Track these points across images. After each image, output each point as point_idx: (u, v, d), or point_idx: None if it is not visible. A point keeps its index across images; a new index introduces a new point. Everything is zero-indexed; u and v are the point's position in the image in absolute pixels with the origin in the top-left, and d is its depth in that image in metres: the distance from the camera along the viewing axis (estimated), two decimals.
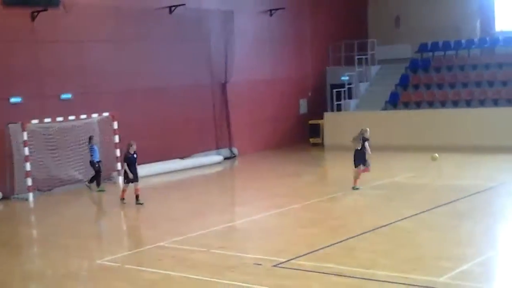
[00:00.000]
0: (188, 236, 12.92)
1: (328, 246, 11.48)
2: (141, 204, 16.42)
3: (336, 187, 18.03)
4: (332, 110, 28.88)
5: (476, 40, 28.93)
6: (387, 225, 12.85)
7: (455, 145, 24.18)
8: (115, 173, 20.80)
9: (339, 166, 23.71)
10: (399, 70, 29.37)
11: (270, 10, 28.19)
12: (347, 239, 11.94)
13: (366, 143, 17.37)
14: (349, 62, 30.18)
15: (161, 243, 12.37)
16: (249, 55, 27.17)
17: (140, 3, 23.02)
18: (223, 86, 26.11)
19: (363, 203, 15.61)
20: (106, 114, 20.65)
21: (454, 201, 14.92)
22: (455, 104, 26.48)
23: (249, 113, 27.10)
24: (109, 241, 13.63)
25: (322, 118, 28.52)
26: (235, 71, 26.08)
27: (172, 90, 23.99)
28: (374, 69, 30.31)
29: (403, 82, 28.82)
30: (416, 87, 28.54)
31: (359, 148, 17.40)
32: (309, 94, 30.26)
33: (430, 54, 29.62)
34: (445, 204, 14.57)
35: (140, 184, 16.90)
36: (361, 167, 17.25)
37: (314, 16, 30.13)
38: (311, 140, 28.85)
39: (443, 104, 26.80)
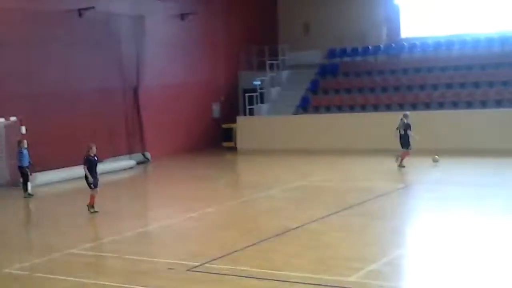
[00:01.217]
0: (100, 242, 12.74)
1: (241, 249, 11.59)
2: (96, 212, 15.59)
3: (249, 190, 18.21)
4: (245, 114, 29.13)
5: (382, 46, 29.85)
6: (298, 227, 13.08)
7: (364, 148, 24.87)
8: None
9: (252, 170, 23.99)
10: (309, 75, 29.96)
11: (182, 15, 28.16)
12: (260, 241, 12.09)
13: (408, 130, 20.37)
14: (261, 67, 30.52)
15: (72, 250, 12.14)
16: (161, 60, 27.05)
17: (49, 6, 22.52)
18: (135, 90, 25.89)
19: (275, 206, 15.82)
20: (13, 118, 20.06)
21: (363, 202, 15.35)
22: (363, 108, 27.23)
23: (162, 117, 26.96)
24: (18, 249, 13.26)
25: (235, 122, 28.73)
26: (147, 76, 25.92)
27: (83, 94, 23.59)
28: (285, 74, 30.79)
29: (313, 87, 29.41)
30: (325, 91, 29.18)
31: (402, 133, 20.43)
32: (222, 98, 30.41)
33: (339, 59, 30.36)
34: (354, 206, 14.97)
35: (48, 191, 16.49)
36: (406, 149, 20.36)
37: (226, 21, 30.31)
38: (224, 144, 29.00)
39: (351, 108, 27.51)
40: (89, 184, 15.60)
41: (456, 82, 26.50)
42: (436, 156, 20.36)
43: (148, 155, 26.19)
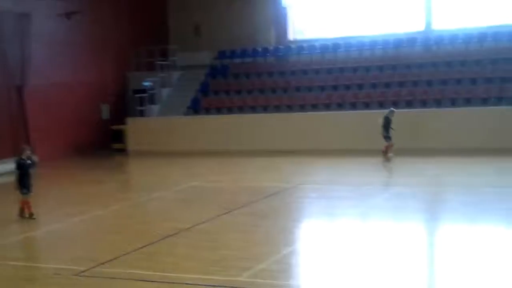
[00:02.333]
0: None
1: (131, 252, 11.49)
2: (28, 218, 14.68)
3: (140, 193, 18.06)
4: (135, 116, 28.83)
5: (271, 48, 30.35)
6: (189, 228, 13.12)
7: (256, 149, 25.22)
8: None
9: (143, 172, 23.79)
10: (200, 77, 30.04)
11: (68, 13, 27.46)
12: (151, 243, 12.03)
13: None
14: (151, 68, 30.29)
15: None
16: (48, 59, 26.31)
17: None
18: (20, 90, 25.05)
19: (166, 207, 15.79)
20: None
21: (253, 202, 15.57)
22: (253, 109, 27.60)
23: (49, 118, 26.20)
24: None
25: (125, 123, 28.37)
26: (33, 75, 25.12)
27: None
28: (175, 75, 30.71)
29: (204, 88, 29.50)
30: (216, 93, 29.34)
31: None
32: (111, 99, 29.93)
33: (229, 61, 30.61)
34: (244, 206, 15.17)
35: None
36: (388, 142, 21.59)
37: (115, 20, 29.85)
38: (114, 146, 28.58)
39: (242, 110, 27.81)
40: (20, 189, 14.68)
41: (342, 84, 27.33)
42: (391, 154, 21.43)
43: (35, 157, 25.35)
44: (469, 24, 27.61)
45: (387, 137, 21.75)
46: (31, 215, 14.70)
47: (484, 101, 24.19)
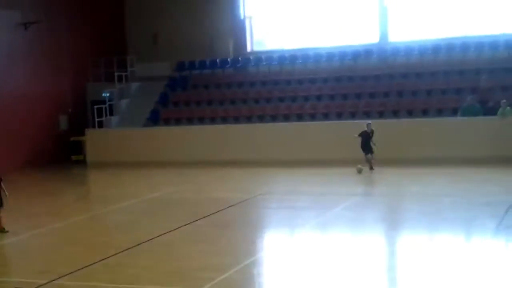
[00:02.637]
0: None
1: (91, 264, 11.42)
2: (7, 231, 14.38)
3: (99, 204, 17.95)
4: (94, 127, 28.64)
5: (230, 59, 30.49)
6: (149, 240, 13.10)
7: (217, 159, 25.25)
8: None
9: (103, 183, 23.61)
10: (159, 88, 29.99)
11: (25, 24, 27.23)
12: (111, 255, 11.98)
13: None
14: (109, 78, 30.14)
15: None
16: (5, 69, 26.02)
17: None
18: None
19: (126, 220, 15.72)
20: None
21: (215, 213, 15.62)
22: (213, 121, 27.66)
23: (4, 130, 25.85)
24: None
25: (83, 134, 28.16)
26: None
27: None
28: (134, 86, 30.62)
29: (163, 100, 29.47)
30: (175, 104, 29.34)
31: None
32: (70, 110, 29.67)
33: (188, 72, 30.64)
34: (205, 217, 15.20)
35: None
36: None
37: (72, 31, 29.59)
38: (73, 157, 28.33)
39: (201, 121, 27.85)
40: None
41: (300, 95, 27.60)
42: (359, 166, 20.85)
43: None
44: (424, 36, 28.17)
45: (368, 150, 21.54)
46: (2, 229, 14.43)
47: (440, 112, 24.69)
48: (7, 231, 14.35)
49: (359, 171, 20.69)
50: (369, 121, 22.18)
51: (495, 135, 22.40)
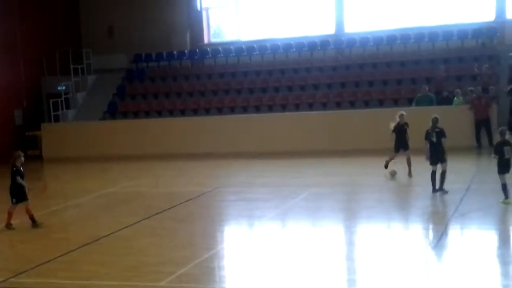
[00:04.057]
0: None
1: (49, 261, 11.33)
2: (41, 223, 14.06)
3: (56, 200, 17.74)
4: (50, 121, 28.27)
5: (187, 52, 30.36)
6: (108, 235, 13.03)
7: (173, 152, 25.19)
8: None
9: (60, 178, 23.32)
10: (115, 80, 29.75)
11: None
12: (69, 252, 11.90)
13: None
14: (65, 71, 29.76)
15: None
16: None
17: None
18: None
19: (84, 215, 15.60)
20: None
21: (172, 207, 15.60)
22: (171, 113, 27.55)
23: None
24: None
25: (39, 129, 27.77)
26: None
27: None
28: (90, 79, 30.32)
29: (120, 92, 29.24)
30: (133, 97, 29.13)
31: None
32: (24, 104, 29.22)
33: (145, 64, 30.44)
34: (164, 211, 15.18)
35: None
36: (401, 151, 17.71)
37: (25, 24, 29.09)
38: (29, 152, 27.90)
39: (159, 114, 27.72)
40: (23, 197, 13.93)
41: (258, 87, 27.65)
42: (393, 169, 17.81)
43: None
44: (379, 27, 28.45)
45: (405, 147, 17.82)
46: (10, 226, 14.03)
47: (395, 102, 25.00)
48: (14, 228, 14.01)
49: (393, 175, 17.70)
50: (402, 112, 18.10)
51: (450, 125, 22.73)
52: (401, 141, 17.55)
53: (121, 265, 10.96)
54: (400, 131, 17.58)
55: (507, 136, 13.85)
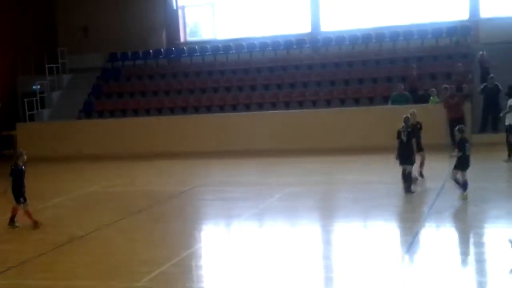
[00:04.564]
0: None
1: (25, 262, 11.28)
2: (17, 227, 13.81)
3: (32, 200, 17.53)
4: (25, 121, 28.05)
5: (163, 50, 30.29)
6: (85, 235, 13.00)
7: (150, 151, 25.12)
8: None
9: (36, 178, 23.05)
10: (91, 79, 29.60)
11: None
12: (45, 252, 11.85)
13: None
14: (40, 71, 29.54)
15: None
16: None
17: None
18: None
19: (61, 215, 15.52)
20: None
21: (150, 206, 15.59)
22: (147, 112, 27.47)
23: None
24: None
25: (15, 129, 27.54)
26: None
27: None
28: (66, 78, 30.14)
29: (96, 91, 29.09)
30: (109, 96, 29.00)
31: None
32: (0, 104, 28.96)
33: (121, 63, 30.32)
34: (141, 210, 15.16)
35: None
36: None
37: (0, 23, 28.82)
38: (5, 152, 27.66)
39: (136, 113, 27.62)
40: (19, 198, 13.76)
41: (235, 86, 27.67)
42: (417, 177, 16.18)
43: None
44: (355, 25, 28.61)
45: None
46: (13, 224, 13.93)
47: (371, 101, 25.17)
48: (18, 226, 13.86)
49: (413, 183, 15.47)
50: (413, 110, 16.55)
51: (426, 123, 22.92)
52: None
53: (98, 265, 10.95)
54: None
55: (466, 134, 14.12)
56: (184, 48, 30.17)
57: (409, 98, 23.66)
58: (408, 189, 14.87)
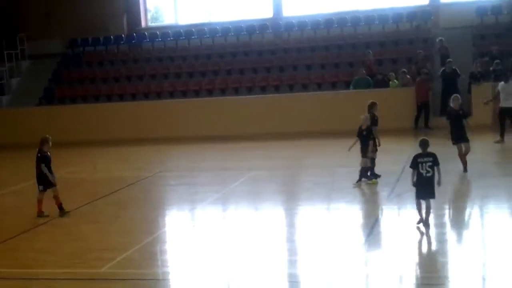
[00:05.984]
0: None
1: None
2: (68, 212, 13.34)
3: None
4: None
5: (124, 36, 30.00)
6: (47, 222, 12.89)
7: (111, 138, 24.95)
8: None
9: None
10: (51, 66, 29.20)
11: None
12: (6, 240, 11.72)
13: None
14: None
15: None
16: None
17: None
18: None
19: (22, 202, 15.32)
20: None
21: (114, 192, 15.51)
22: (109, 98, 27.23)
23: None
24: None
25: None
26: None
27: None
28: (25, 64, 29.69)
29: (57, 78, 28.73)
30: (70, 82, 28.67)
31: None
32: None
33: (81, 49, 29.96)
34: (104, 196, 15.07)
35: None
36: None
37: None
38: None
39: (97, 99, 27.37)
40: (49, 183, 13.35)
41: (197, 71, 27.57)
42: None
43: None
44: (317, 10, 28.67)
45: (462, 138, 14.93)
46: (42, 213, 13.36)
47: (334, 85, 25.31)
48: (47, 215, 13.36)
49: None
50: (456, 95, 15.30)
51: (387, 107, 23.18)
52: (458, 130, 14.71)
53: (61, 252, 10.86)
54: (456, 119, 14.73)
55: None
56: (146, 33, 29.94)
57: (370, 82, 23.87)
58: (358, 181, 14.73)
